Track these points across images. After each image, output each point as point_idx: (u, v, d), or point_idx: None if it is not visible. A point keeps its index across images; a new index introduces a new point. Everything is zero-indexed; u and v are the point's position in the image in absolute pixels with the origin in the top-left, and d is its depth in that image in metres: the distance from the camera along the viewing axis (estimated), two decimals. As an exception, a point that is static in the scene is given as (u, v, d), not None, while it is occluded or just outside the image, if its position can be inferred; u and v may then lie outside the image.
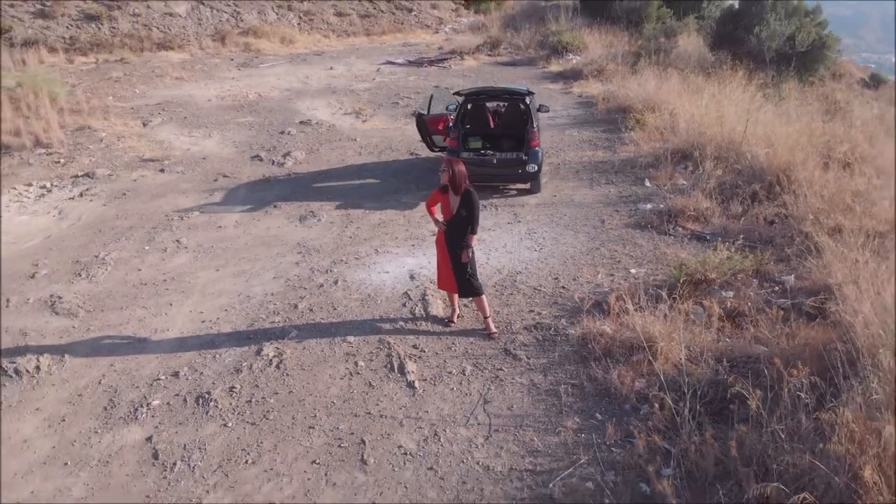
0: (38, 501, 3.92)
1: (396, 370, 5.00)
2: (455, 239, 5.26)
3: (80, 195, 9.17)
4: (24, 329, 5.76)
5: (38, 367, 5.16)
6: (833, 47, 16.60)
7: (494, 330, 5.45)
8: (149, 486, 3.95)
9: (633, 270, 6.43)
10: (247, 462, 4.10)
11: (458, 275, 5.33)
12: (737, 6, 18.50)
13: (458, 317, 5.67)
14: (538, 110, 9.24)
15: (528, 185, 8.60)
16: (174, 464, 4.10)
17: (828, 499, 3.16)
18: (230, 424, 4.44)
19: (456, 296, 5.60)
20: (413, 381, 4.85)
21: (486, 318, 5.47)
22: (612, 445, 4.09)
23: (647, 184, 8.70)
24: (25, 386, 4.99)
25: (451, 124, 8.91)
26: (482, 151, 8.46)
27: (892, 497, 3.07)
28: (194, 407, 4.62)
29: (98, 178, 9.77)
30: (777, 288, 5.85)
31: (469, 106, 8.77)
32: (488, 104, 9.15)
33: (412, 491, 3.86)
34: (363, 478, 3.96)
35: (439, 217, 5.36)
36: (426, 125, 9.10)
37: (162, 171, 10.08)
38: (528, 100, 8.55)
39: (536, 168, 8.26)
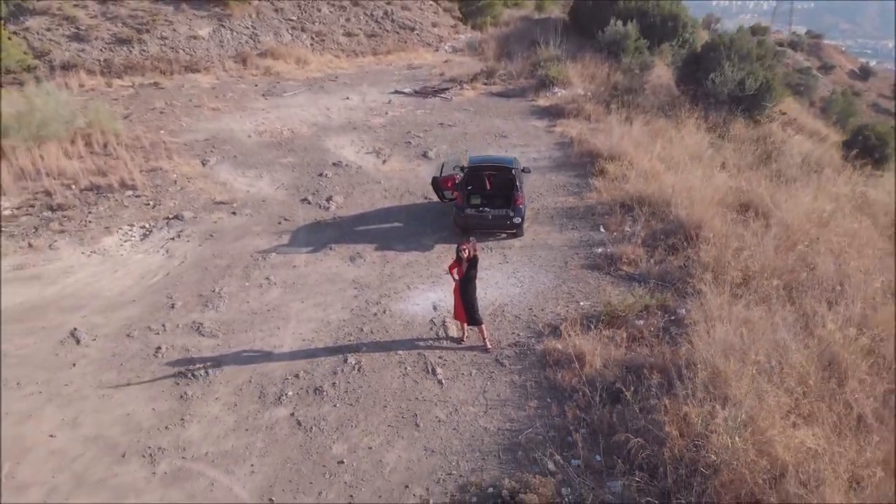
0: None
1: (430, 372, 8.20)
2: (465, 289, 8.41)
3: (178, 236, 12.20)
4: (185, 346, 8.91)
5: (206, 372, 8.32)
6: (777, 90, 19.65)
7: (490, 346, 8.64)
8: (300, 440, 7.16)
9: (582, 303, 9.62)
10: (352, 426, 7.32)
11: (467, 311, 8.50)
12: (699, 50, 21.45)
13: (466, 337, 8.85)
14: (522, 171, 12.37)
15: (514, 231, 11.73)
16: (311, 428, 7.31)
17: (653, 442, 6.37)
18: (337, 405, 7.64)
19: (465, 324, 8.77)
20: (441, 379, 8.05)
21: (484, 339, 8.66)
22: (555, 416, 7.33)
23: (602, 230, 11.86)
24: (202, 384, 8.15)
25: (457, 182, 12.04)
26: (480, 208, 11.58)
27: (684, 442, 6.28)
28: (314, 395, 7.81)
29: (186, 220, 12.77)
30: (674, 318, 9.04)
31: (471, 174, 11.90)
32: (485, 172, 12.25)
33: (444, 441, 7.09)
34: (417, 434, 7.20)
35: (455, 276, 8.51)
36: (439, 184, 12.23)
37: (234, 213, 13.11)
38: (513, 171, 11.68)
39: (520, 220, 11.40)
